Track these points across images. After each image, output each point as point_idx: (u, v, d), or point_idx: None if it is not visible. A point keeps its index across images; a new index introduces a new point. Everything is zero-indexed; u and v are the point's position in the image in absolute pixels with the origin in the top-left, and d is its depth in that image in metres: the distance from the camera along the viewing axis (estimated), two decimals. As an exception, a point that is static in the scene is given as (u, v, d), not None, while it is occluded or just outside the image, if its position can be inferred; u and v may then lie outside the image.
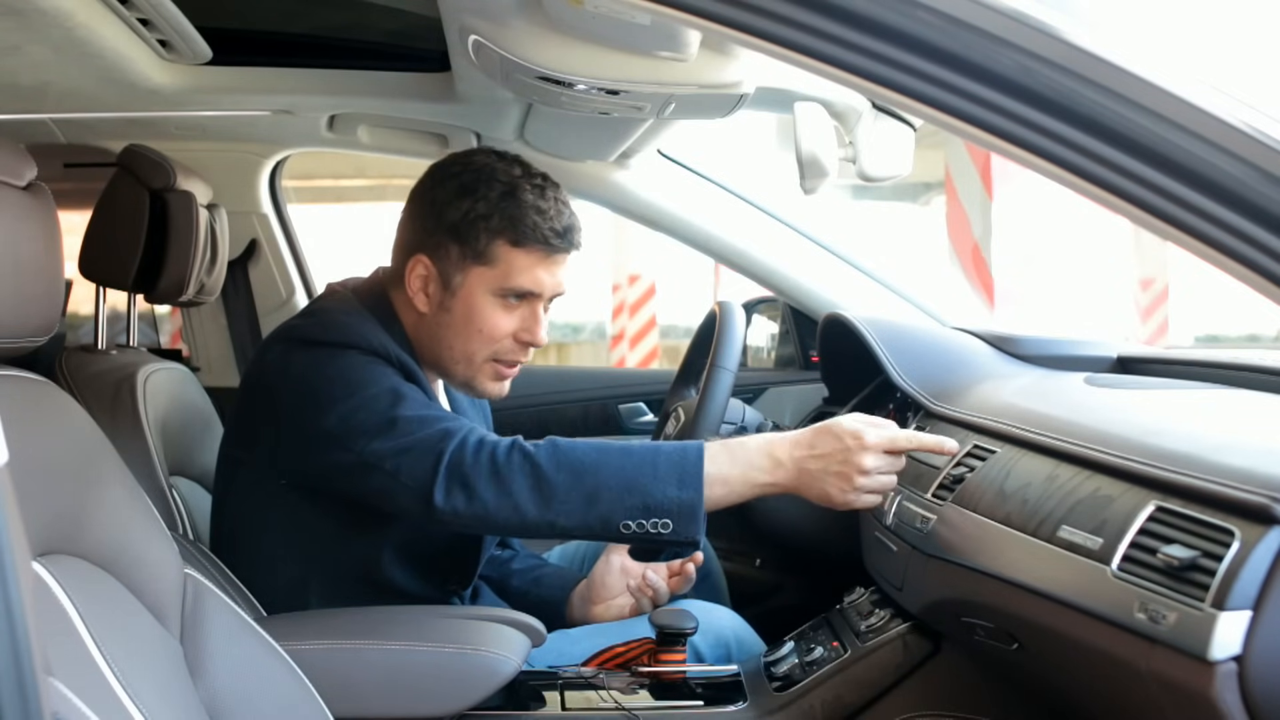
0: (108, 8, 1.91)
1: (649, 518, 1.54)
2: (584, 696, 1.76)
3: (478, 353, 1.79)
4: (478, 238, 1.74)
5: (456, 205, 1.75)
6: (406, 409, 1.63)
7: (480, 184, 1.75)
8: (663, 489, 1.55)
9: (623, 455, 1.58)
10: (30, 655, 0.66)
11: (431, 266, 1.77)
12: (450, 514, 1.57)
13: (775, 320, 2.91)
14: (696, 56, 1.78)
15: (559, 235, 1.76)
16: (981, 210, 6.78)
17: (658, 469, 1.56)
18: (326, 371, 1.67)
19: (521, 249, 1.75)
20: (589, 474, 1.56)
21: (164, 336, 3.94)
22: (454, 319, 1.78)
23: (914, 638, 1.76)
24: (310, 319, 1.80)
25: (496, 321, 1.77)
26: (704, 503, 1.55)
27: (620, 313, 9.81)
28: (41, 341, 1.17)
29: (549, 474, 1.56)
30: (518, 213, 1.74)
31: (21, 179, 1.14)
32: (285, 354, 1.74)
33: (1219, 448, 1.20)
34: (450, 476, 1.56)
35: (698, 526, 1.56)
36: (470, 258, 1.75)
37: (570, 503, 1.55)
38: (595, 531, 1.59)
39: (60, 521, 1.13)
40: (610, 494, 1.55)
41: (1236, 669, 1.02)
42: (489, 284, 1.76)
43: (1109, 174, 0.94)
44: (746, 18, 0.97)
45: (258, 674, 1.37)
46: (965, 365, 2.05)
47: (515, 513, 1.56)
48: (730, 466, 1.58)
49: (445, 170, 1.80)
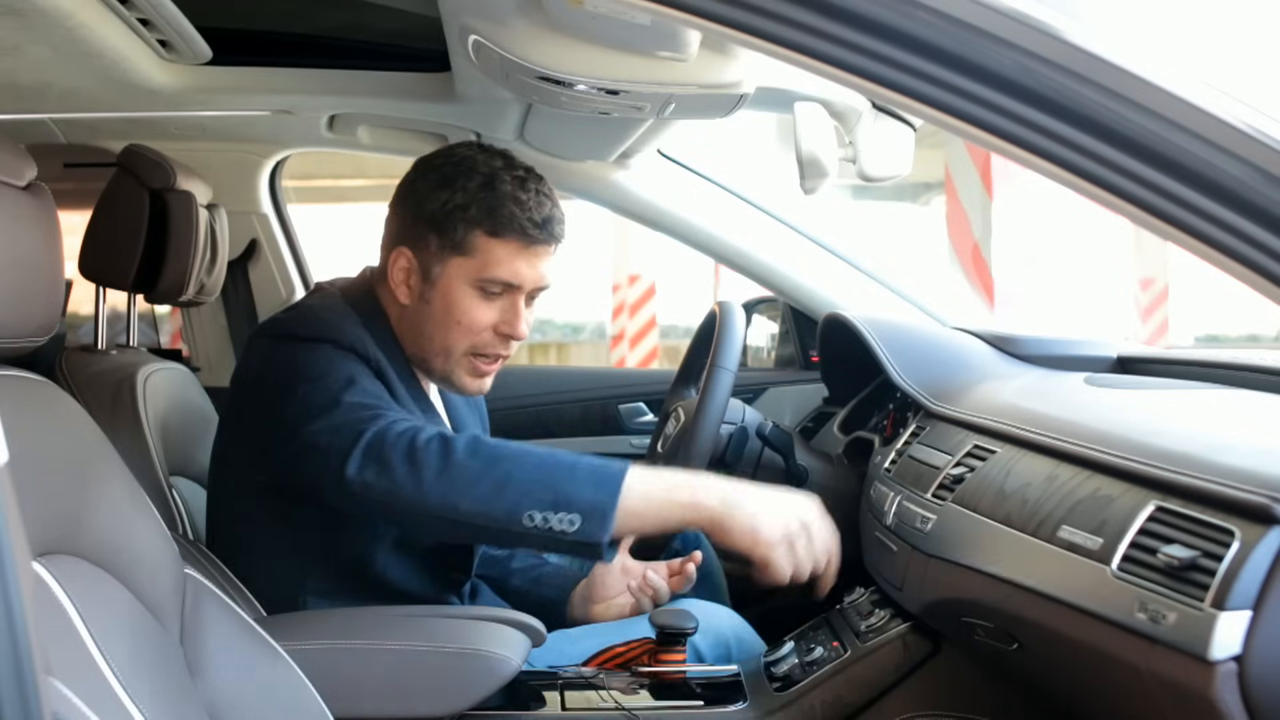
0: (108, 8, 1.91)
1: (556, 511, 1.50)
2: (584, 696, 1.76)
3: (456, 344, 1.79)
4: (456, 228, 1.75)
5: (436, 196, 1.76)
6: (351, 395, 1.63)
7: (460, 175, 1.76)
8: (578, 486, 1.51)
9: (546, 455, 1.56)
10: (30, 655, 0.66)
11: (413, 258, 1.78)
12: (360, 486, 1.54)
13: (775, 320, 2.91)
14: (696, 56, 1.78)
15: (537, 226, 1.75)
16: (982, 210, 6.79)
17: (576, 470, 1.53)
18: (294, 363, 1.69)
19: (499, 239, 1.75)
20: (504, 462, 1.53)
21: (164, 336, 3.94)
22: (433, 310, 1.78)
23: (914, 638, 1.76)
24: (291, 313, 1.82)
25: (475, 313, 1.77)
26: (617, 506, 1.50)
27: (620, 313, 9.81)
28: (41, 341, 1.17)
29: (461, 458, 1.53)
30: (495, 203, 1.74)
31: (21, 179, 1.14)
32: (264, 349, 1.77)
33: (1219, 448, 1.21)
34: (367, 452, 1.54)
35: (605, 529, 1.50)
36: (449, 248, 1.76)
37: (476, 487, 1.51)
38: (499, 521, 1.52)
39: (60, 521, 1.13)
40: (521, 484, 1.51)
41: (1236, 669, 1.02)
42: (467, 275, 1.76)
43: (1109, 174, 0.94)
44: (746, 18, 0.97)
45: (257, 674, 1.37)
46: (965, 365, 2.05)
47: (418, 491, 1.52)
48: (655, 481, 1.54)
49: (428, 163, 1.81)
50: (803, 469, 2.13)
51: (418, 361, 1.83)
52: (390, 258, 1.81)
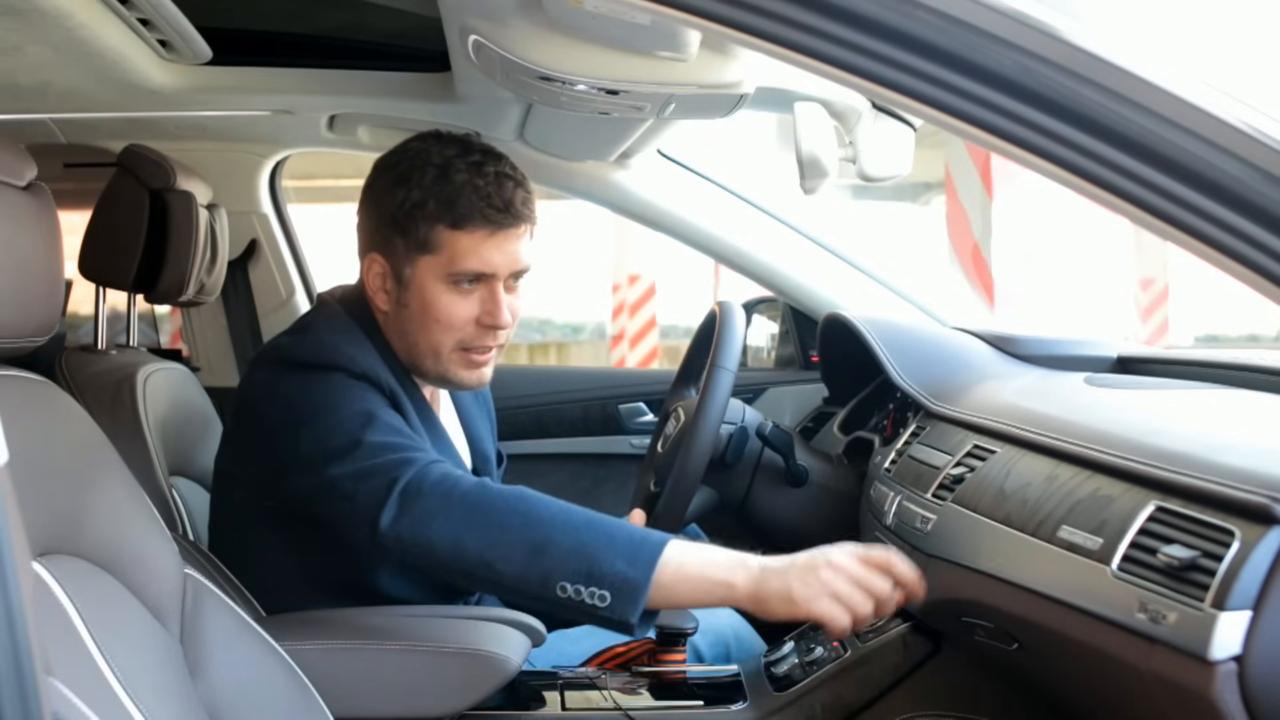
0: (108, 8, 1.91)
1: (589, 585, 1.46)
2: (584, 696, 1.76)
3: (442, 343, 1.73)
4: (417, 226, 1.69)
5: (393, 196, 1.70)
6: (373, 434, 1.58)
7: (414, 171, 1.70)
8: (611, 560, 1.47)
9: (584, 518, 1.51)
10: (30, 655, 0.66)
11: (384, 263, 1.73)
12: (394, 539, 1.51)
13: (775, 320, 2.91)
14: (696, 56, 1.78)
15: (500, 210, 1.68)
16: (982, 210, 6.79)
17: (614, 540, 1.49)
18: (307, 395, 1.64)
19: (463, 230, 1.68)
20: (542, 525, 1.49)
21: (164, 336, 3.94)
22: (412, 313, 1.73)
23: (914, 638, 1.76)
24: (299, 338, 1.76)
25: (453, 309, 1.71)
26: (649, 586, 1.46)
27: (620, 313, 9.81)
28: (41, 341, 1.17)
29: (501, 517, 1.50)
30: (452, 194, 1.67)
31: (21, 179, 1.14)
32: (273, 376, 1.71)
33: (1219, 448, 1.21)
34: (402, 501, 1.51)
35: (635, 609, 1.46)
36: (414, 248, 1.70)
37: (514, 548, 1.48)
38: (533, 586, 1.49)
39: (60, 521, 1.13)
40: (558, 551, 1.47)
41: (1236, 669, 1.02)
42: (437, 272, 1.70)
43: (1109, 174, 0.94)
44: (746, 18, 0.97)
45: (257, 674, 1.37)
46: (965, 365, 2.05)
47: (456, 546, 1.49)
48: (694, 560, 1.49)
49: (384, 162, 1.75)
50: (803, 469, 2.13)
51: (412, 367, 1.78)
52: (365, 265, 1.76)
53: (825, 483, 2.15)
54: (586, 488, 2.87)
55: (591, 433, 2.88)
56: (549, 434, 2.86)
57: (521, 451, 2.77)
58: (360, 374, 1.67)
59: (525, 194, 1.73)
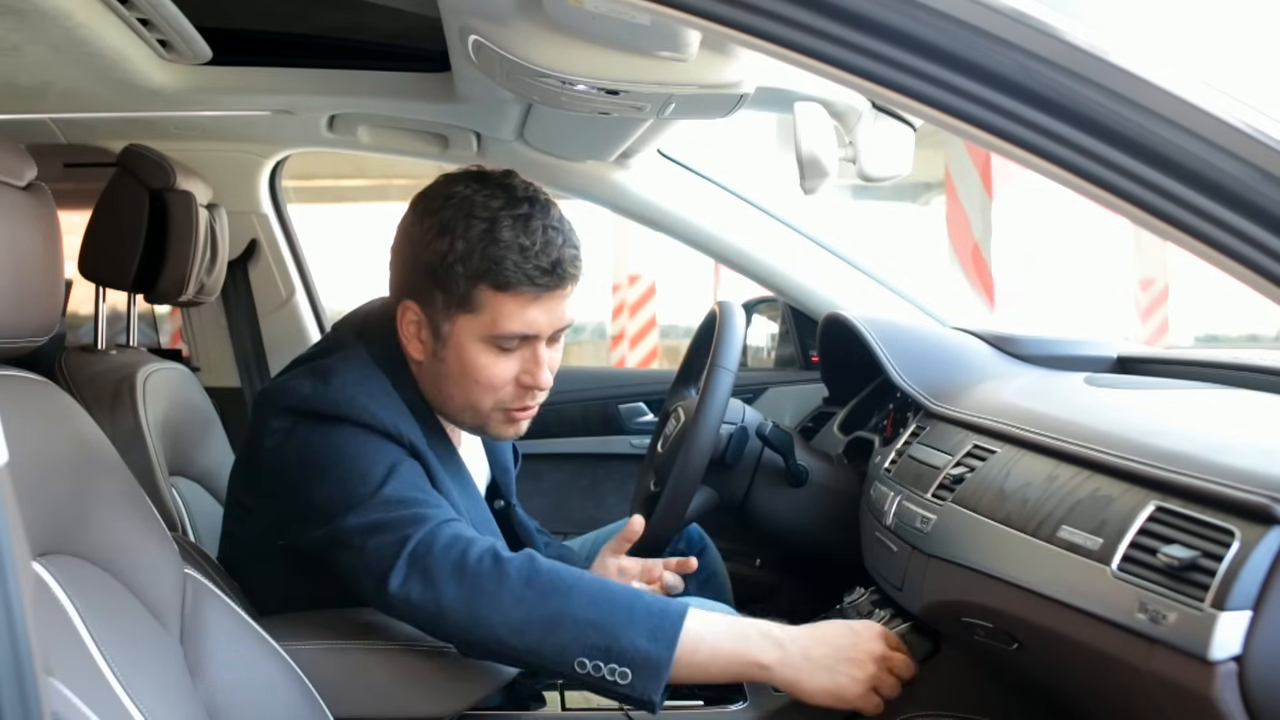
0: (108, 8, 1.91)
1: (609, 661, 1.42)
2: (584, 696, 1.76)
3: (481, 402, 1.67)
4: (458, 283, 1.60)
5: (435, 247, 1.61)
6: (389, 487, 1.53)
7: (458, 221, 1.60)
8: (632, 636, 1.42)
9: (598, 588, 1.46)
10: (30, 655, 0.66)
11: (420, 312, 1.65)
12: (401, 601, 1.47)
13: (775, 320, 2.91)
14: (696, 56, 1.78)
15: (547, 273, 1.60)
16: (982, 210, 6.79)
17: (633, 614, 1.43)
18: (326, 446, 1.58)
19: (507, 293, 1.60)
20: (558, 597, 1.44)
21: (164, 336, 3.94)
22: (450, 369, 1.65)
23: (914, 638, 1.75)
24: (319, 388, 1.62)
25: (493, 370, 1.64)
26: (673, 663, 1.42)
27: (620, 313, 9.81)
28: (41, 341, 1.18)
29: (515, 587, 1.44)
30: (497, 254, 1.58)
31: (21, 179, 1.14)
32: (291, 424, 1.62)
33: (1219, 448, 1.21)
34: (412, 562, 1.47)
35: (658, 687, 1.42)
36: (455, 305, 1.62)
37: (527, 622, 1.44)
38: (547, 661, 1.45)
39: (60, 522, 1.13)
40: (574, 626, 1.42)
41: (1236, 669, 1.01)
42: (478, 332, 1.62)
43: (1109, 174, 0.94)
44: (746, 18, 0.97)
45: (257, 674, 1.37)
46: (965, 365, 2.05)
47: (468, 616, 1.45)
48: (723, 635, 1.45)
49: (427, 204, 1.65)
50: (803, 469, 2.13)
51: (446, 415, 1.72)
52: (399, 311, 1.67)
53: (825, 483, 2.15)
54: (586, 488, 2.87)
55: (592, 433, 2.88)
56: (549, 434, 2.86)
57: (522, 451, 2.77)
58: (380, 428, 1.59)
59: (574, 251, 1.64)
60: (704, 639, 1.45)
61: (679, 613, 1.45)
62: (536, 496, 2.81)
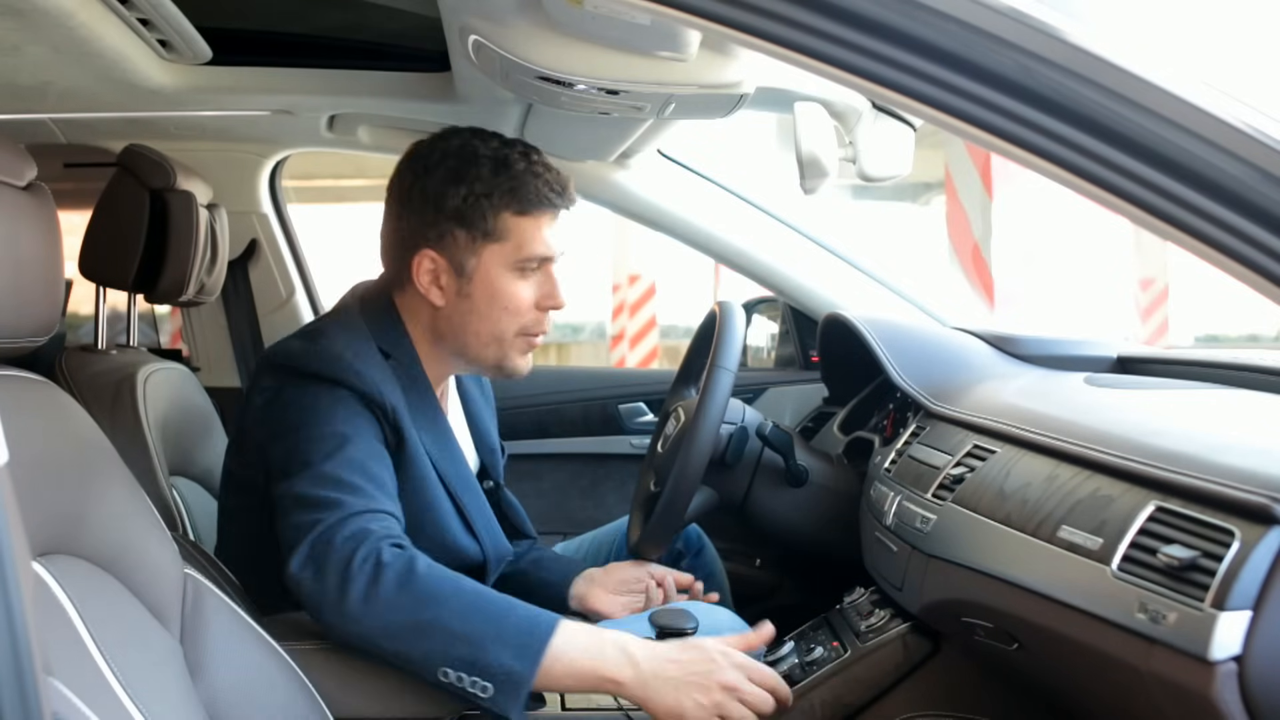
0: (108, 8, 1.91)
1: (471, 674, 1.44)
2: (584, 696, 1.76)
3: (507, 330, 1.77)
4: (484, 217, 1.72)
5: (454, 191, 1.72)
6: (330, 463, 1.58)
7: (469, 164, 1.73)
8: (499, 651, 1.45)
9: (476, 602, 1.49)
10: (30, 655, 0.66)
11: (439, 258, 1.75)
12: (296, 584, 1.51)
13: (775, 320, 2.91)
14: (696, 56, 1.78)
15: (559, 194, 1.76)
16: (982, 210, 6.79)
17: (503, 628, 1.46)
18: (299, 408, 1.65)
19: (529, 216, 1.74)
20: (432, 605, 1.47)
21: (164, 336, 3.94)
22: (476, 304, 1.76)
23: (914, 638, 1.76)
24: (308, 344, 1.73)
25: (520, 294, 1.76)
26: (533, 680, 1.45)
27: (620, 313, 9.81)
28: (41, 341, 1.17)
29: (390, 590, 1.47)
30: (516, 183, 1.73)
31: (22, 179, 1.14)
32: (276, 381, 1.71)
33: (1219, 448, 1.21)
34: (312, 549, 1.51)
35: (517, 705, 1.45)
36: (480, 238, 1.73)
37: (398, 627, 1.46)
38: (414, 665, 1.47)
39: (60, 522, 1.13)
40: (442, 636, 1.45)
41: (1236, 669, 1.02)
42: (505, 259, 1.74)
43: (1109, 174, 0.94)
44: (746, 18, 0.97)
45: (257, 674, 1.37)
46: (965, 365, 2.05)
47: (344, 613, 1.47)
48: (581, 651, 1.48)
49: (425, 160, 1.76)
50: (803, 469, 2.13)
51: (464, 356, 1.80)
52: (414, 263, 1.76)
53: (825, 483, 2.15)
54: (586, 488, 2.87)
55: (592, 433, 2.88)
56: (549, 434, 2.86)
57: (522, 451, 2.77)
58: (363, 392, 1.66)
59: (569, 179, 1.81)
60: (563, 655, 1.47)
61: (547, 629, 1.48)
62: (536, 496, 2.81)
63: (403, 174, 1.78)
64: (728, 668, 1.50)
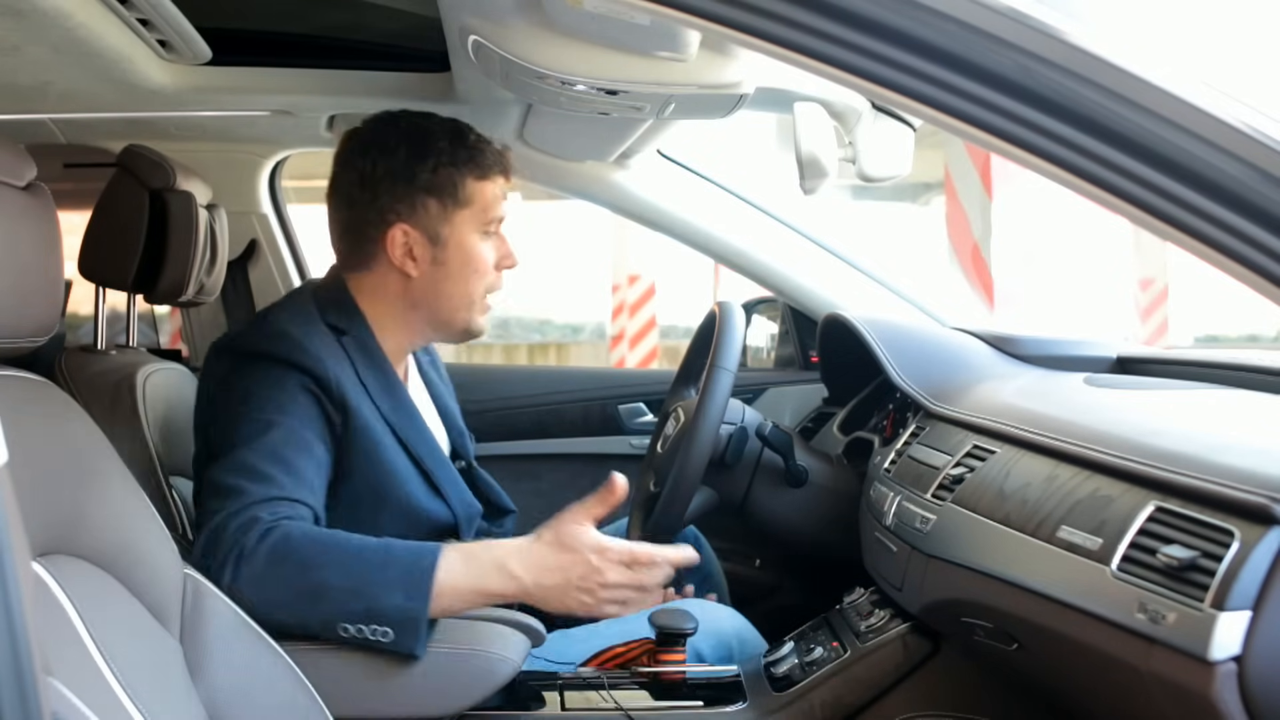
0: (107, 8, 1.91)
1: (370, 624, 1.49)
2: (583, 697, 1.76)
3: (476, 290, 1.86)
4: (453, 184, 1.82)
5: (423, 164, 1.81)
6: (248, 449, 1.61)
7: (429, 139, 1.83)
8: (389, 595, 1.50)
9: (357, 555, 1.53)
10: (29, 655, 0.66)
11: (413, 230, 1.82)
12: (203, 570, 1.48)
13: (775, 320, 2.91)
14: (696, 57, 1.78)
15: (502, 157, 1.87)
16: (981, 210, 6.79)
17: (387, 573, 1.51)
18: (239, 389, 1.70)
19: (488, 180, 1.85)
20: (315, 570, 1.50)
21: (164, 337, 3.94)
22: (450, 269, 1.83)
23: (914, 638, 1.76)
24: (257, 324, 1.82)
25: (487, 256, 1.86)
26: (428, 614, 1.51)
27: (620, 313, 9.82)
28: (41, 342, 1.17)
29: (271, 565, 1.50)
30: (473, 150, 1.83)
31: (21, 179, 1.14)
32: (229, 369, 1.76)
33: (1218, 448, 1.21)
34: (206, 539, 1.54)
35: (418, 639, 1.51)
36: (451, 205, 1.82)
37: (294, 597, 1.49)
38: (316, 631, 1.51)
39: (60, 521, 1.13)
40: (334, 593, 1.49)
41: (1236, 669, 1.02)
42: (473, 222, 1.84)
43: (1108, 174, 0.95)
44: (746, 18, 0.97)
45: (257, 674, 1.37)
46: (965, 365, 2.05)
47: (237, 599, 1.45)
48: (464, 578, 1.53)
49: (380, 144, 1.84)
50: (802, 469, 2.13)
51: (438, 322, 1.87)
52: (386, 239, 1.82)
53: (825, 483, 2.15)
54: (586, 488, 2.85)
55: (591, 433, 2.88)
56: (549, 434, 2.86)
57: (521, 452, 2.77)
58: (303, 367, 1.71)
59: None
60: (449, 586, 1.52)
61: (430, 564, 1.52)
62: (536, 496, 2.80)
63: (354, 161, 1.86)
64: (604, 566, 1.55)
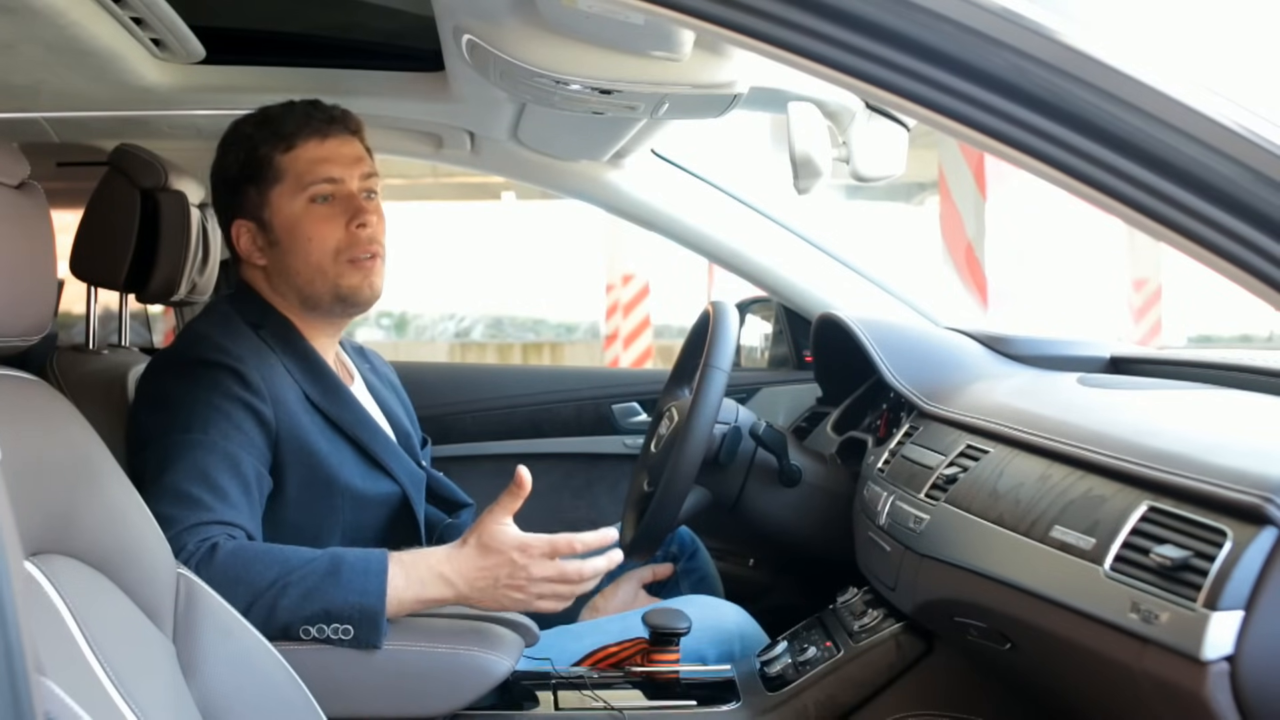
0: (101, 6, 1.90)
1: (330, 623, 1.54)
2: (577, 697, 1.76)
3: (323, 257, 1.83)
4: (259, 165, 1.84)
5: (230, 162, 1.88)
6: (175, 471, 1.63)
7: (235, 132, 1.90)
8: (345, 595, 1.55)
9: (305, 560, 1.57)
10: (22, 655, 0.66)
11: (245, 222, 1.87)
12: None
13: (769, 320, 2.91)
14: (690, 56, 1.78)
15: (324, 120, 1.85)
16: (975, 210, 6.80)
17: (339, 577, 1.56)
18: (169, 398, 1.73)
19: (296, 148, 1.84)
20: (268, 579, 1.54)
21: (157, 336, 3.93)
22: (284, 246, 1.84)
23: (907, 638, 1.76)
24: (182, 335, 1.88)
25: (320, 224, 1.83)
26: (385, 610, 1.55)
27: (614, 312, 9.82)
28: (33, 341, 1.17)
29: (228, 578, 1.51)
30: (274, 124, 1.85)
31: (14, 178, 1.14)
32: (151, 386, 1.81)
33: (1211, 448, 1.21)
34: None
35: (379, 633, 1.55)
36: (266, 186, 1.84)
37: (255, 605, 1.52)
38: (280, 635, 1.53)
39: (53, 521, 1.13)
40: (292, 599, 1.54)
41: (1229, 669, 1.02)
42: (291, 194, 1.83)
43: (1102, 174, 0.95)
44: (740, 17, 0.97)
45: (251, 674, 1.37)
46: (958, 365, 2.05)
47: None
48: (405, 589, 1.58)
49: (220, 159, 1.93)
50: (796, 469, 2.13)
51: (304, 300, 1.86)
52: (234, 238, 1.88)
53: (818, 483, 2.15)
54: (579, 488, 2.87)
55: (585, 433, 2.87)
56: (542, 434, 2.86)
57: (515, 451, 2.76)
58: (229, 368, 1.73)
59: (344, 111, 1.90)
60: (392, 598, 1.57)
61: (380, 569, 1.57)
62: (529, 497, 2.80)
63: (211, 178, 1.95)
64: (528, 562, 1.60)
